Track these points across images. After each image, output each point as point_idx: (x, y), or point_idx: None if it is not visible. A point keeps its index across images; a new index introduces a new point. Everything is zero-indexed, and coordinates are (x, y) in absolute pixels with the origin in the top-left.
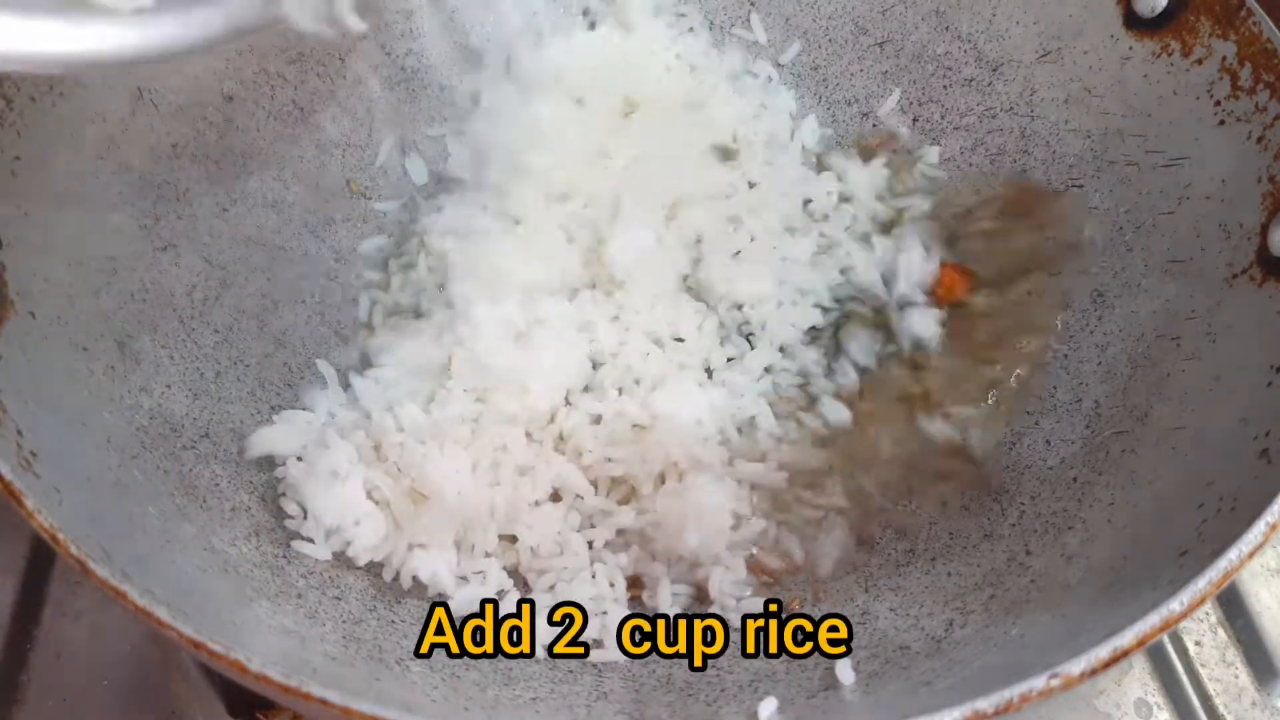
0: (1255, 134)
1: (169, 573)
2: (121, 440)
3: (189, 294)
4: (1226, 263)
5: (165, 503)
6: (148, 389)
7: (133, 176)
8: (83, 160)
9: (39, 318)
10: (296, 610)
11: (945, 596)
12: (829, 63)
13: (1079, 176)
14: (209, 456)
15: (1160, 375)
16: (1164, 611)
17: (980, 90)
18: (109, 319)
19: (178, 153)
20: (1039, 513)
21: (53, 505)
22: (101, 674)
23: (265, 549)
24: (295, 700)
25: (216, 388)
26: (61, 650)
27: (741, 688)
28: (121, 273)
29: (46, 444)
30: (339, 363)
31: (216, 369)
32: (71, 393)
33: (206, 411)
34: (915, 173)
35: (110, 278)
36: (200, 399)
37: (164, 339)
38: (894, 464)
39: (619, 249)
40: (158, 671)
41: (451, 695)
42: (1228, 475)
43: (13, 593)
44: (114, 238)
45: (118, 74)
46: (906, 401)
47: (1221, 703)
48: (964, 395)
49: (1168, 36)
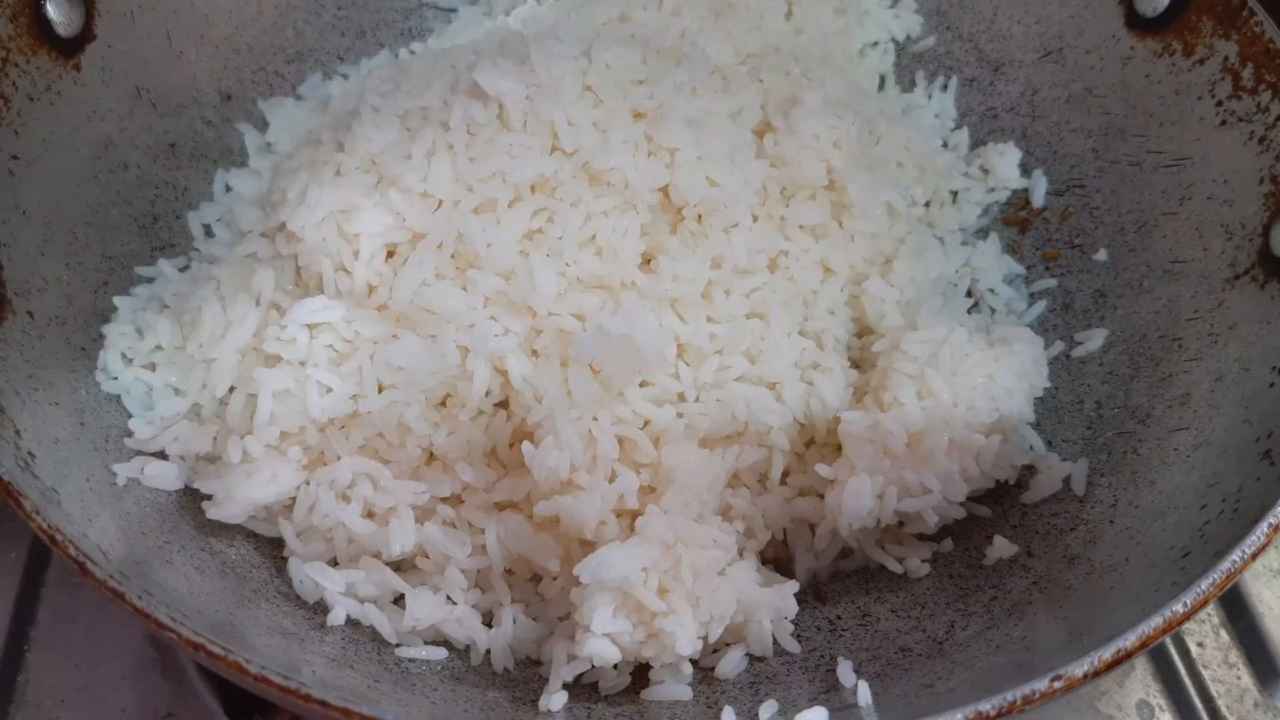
0: (1257, 134)
1: (167, 574)
2: (120, 440)
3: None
4: (1228, 263)
5: (164, 503)
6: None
7: (131, 176)
8: (81, 160)
9: (38, 318)
10: (295, 611)
11: (947, 598)
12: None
13: (1080, 176)
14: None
15: (1162, 376)
16: (1167, 613)
17: (981, 90)
18: (108, 319)
19: (176, 152)
20: (1040, 514)
21: (51, 506)
22: (99, 675)
23: (265, 549)
24: (294, 702)
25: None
26: (59, 652)
27: (742, 689)
28: (121, 272)
29: (45, 444)
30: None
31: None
32: (71, 393)
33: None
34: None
35: (110, 277)
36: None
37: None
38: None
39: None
40: (156, 673)
41: (450, 697)
42: (1230, 477)
43: (11, 594)
44: (113, 237)
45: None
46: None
47: (1224, 704)
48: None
49: (1169, 36)
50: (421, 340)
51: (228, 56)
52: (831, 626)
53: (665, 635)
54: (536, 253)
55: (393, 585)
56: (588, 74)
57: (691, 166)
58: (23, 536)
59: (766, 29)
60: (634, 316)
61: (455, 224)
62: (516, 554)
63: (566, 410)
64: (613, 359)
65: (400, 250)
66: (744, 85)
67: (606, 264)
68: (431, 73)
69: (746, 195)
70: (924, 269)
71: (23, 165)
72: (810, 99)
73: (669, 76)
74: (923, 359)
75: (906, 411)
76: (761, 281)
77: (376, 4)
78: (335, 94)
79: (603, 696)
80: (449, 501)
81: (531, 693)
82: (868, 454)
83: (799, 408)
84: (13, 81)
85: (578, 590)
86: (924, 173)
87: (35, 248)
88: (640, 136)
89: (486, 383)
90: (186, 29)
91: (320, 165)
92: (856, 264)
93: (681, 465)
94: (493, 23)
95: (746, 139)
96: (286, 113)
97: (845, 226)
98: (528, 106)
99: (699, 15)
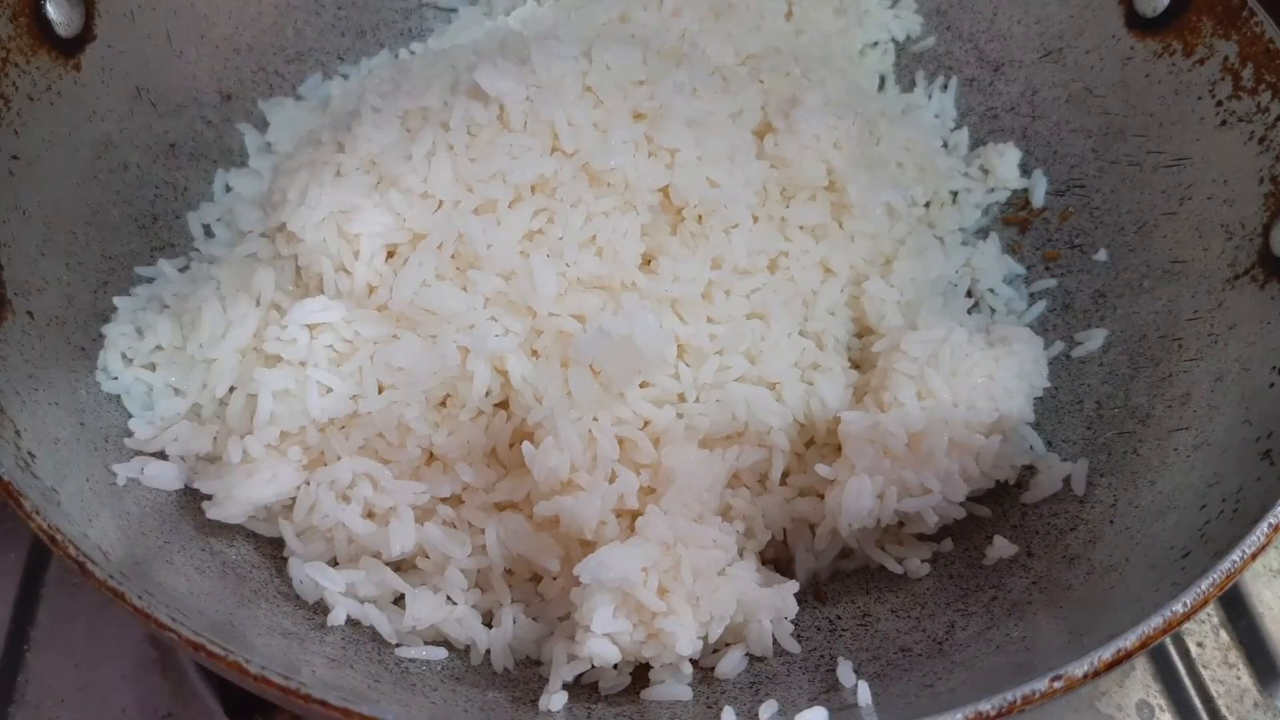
0: (1257, 134)
1: (167, 574)
2: (120, 440)
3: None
4: (1228, 263)
5: (164, 503)
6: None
7: (131, 176)
8: (81, 160)
9: (38, 318)
10: (295, 611)
11: (947, 598)
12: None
13: (1080, 176)
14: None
15: (1162, 376)
16: (1166, 613)
17: (981, 90)
18: (108, 319)
19: (176, 152)
20: (1040, 514)
21: (51, 506)
22: (99, 675)
23: (265, 549)
24: (294, 702)
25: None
26: (59, 652)
27: (742, 689)
28: (121, 272)
29: (45, 444)
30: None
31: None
32: (71, 393)
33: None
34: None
35: (110, 277)
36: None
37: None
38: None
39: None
40: (156, 673)
41: (450, 697)
42: (1230, 477)
43: (11, 594)
44: (113, 237)
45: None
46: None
47: (1224, 704)
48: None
49: (1170, 36)
50: (421, 340)
51: (228, 56)
52: (831, 626)
53: (665, 635)
54: (537, 253)
55: (393, 585)
56: (588, 74)
57: (692, 167)
58: (23, 536)
59: (767, 29)
60: (634, 317)
61: (455, 224)
62: (516, 554)
63: (566, 411)
64: (613, 359)
65: (400, 251)
66: (744, 86)
67: (607, 264)
68: (432, 73)
69: (747, 196)
70: (924, 269)
71: (23, 165)
72: (810, 99)
73: (669, 77)
74: (923, 359)
75: (906, 411)
76: (762, 282)
77: (376, 4)
78: (335, 94)
79: (603, 696)
80: (449, 502)
81: (531, 693)
82: (868, 454)
83: (799, 408)
84: (13, 81)
85: (578, 590)
86: (924, 173)
87: (35, 248)
88: (640, 137)
89: (486, 383)
90: (186, 29)
91: (320, 165)
92: (857, 264)
93: (681, 465)
94: (493, 23)
95: (747, 139)
96: (286, 113)
97: (845, 227)
98: (528, 107)
99: (699, 16)
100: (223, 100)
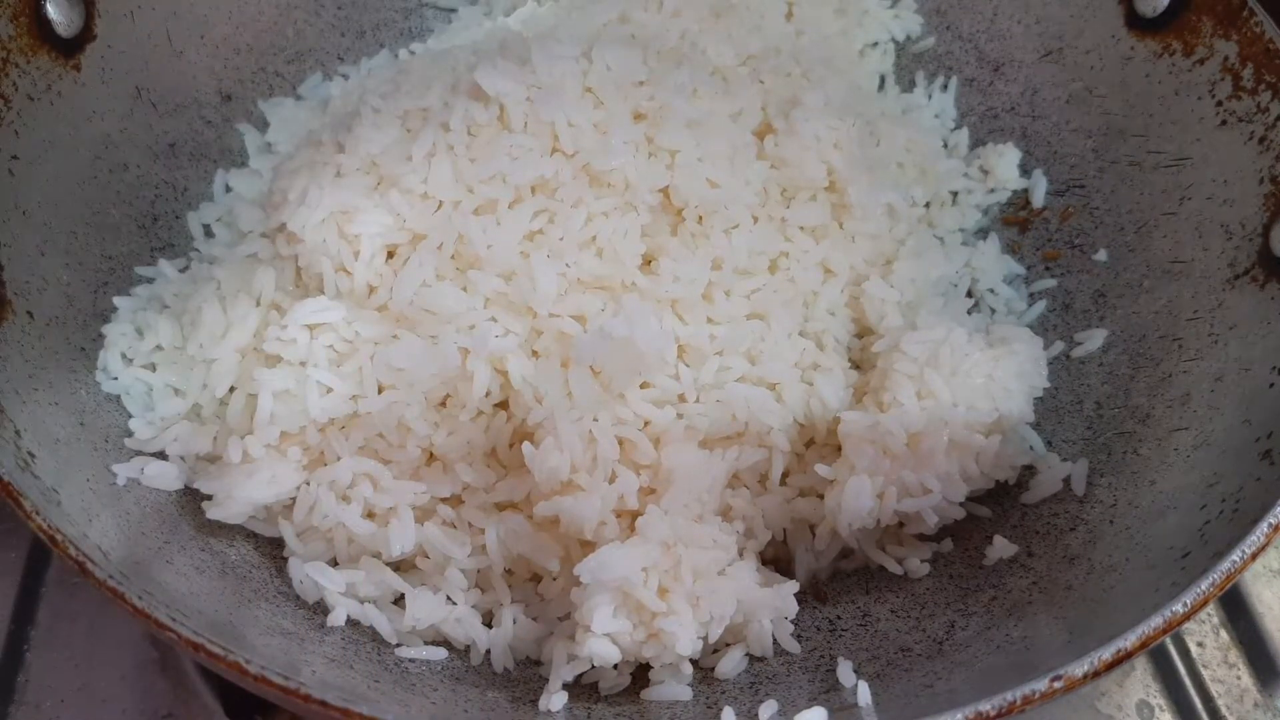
0: (1257, 134)
1: (167, 574)
2: (120, 440)
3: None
4: (1228, 263)
5: (164, 503)
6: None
7: (131, 176)
8: (81, 160)
9: (38, 318)
10: (295, 611)
11: (947, 598)
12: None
13: (1080, 176)
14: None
15: (1162, 376)
16: (1167, 613)
17: (981, 90)
18: (108, 319)
19: (176, 152)
20: (1040, 514)
21: (51, 506)
22: (99, 675)
23: (265, 549)
24: (294, 702)
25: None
26: (59, 652)
27: (742, 689)
28: (121, 272)
29: (45, 444)
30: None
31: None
32: (71, 393)
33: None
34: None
35: (110, 277)
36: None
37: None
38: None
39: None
40: (156, 673)
41: (450, 697)
42: (1230, 477)
43: (11, 594)
44: (113, 237)
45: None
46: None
47: (1224, 704)
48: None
49: (1170, 36)
50: (422, 341)
51: (228, 56)
52: (831, 626)
53: (665, 635)
54: (537, 254)
55: (393, 585)
56: (588, 75)
57: (692, 168)
58: (23, 536)
59: (767, 30)
60: (634, 318)
61: (455, 225)
62: (516, 554)
63: (567, 411)
64: (613, 360)
65: (400, 251)
66: (744, 86)
67: (607, 265)
68: (432, 73)
69: (747, 196)
70: (924, 270)
71: (23, 165)
72: (811, 100)
73: (669, 78)
74: (923, 359)
75: (906, 412)
76: (762, 282)
77: (376, 4)
78: (335, 94)
79: (603, 696)
80: (449, 502)
81: (531, 693)
82: (867, 454)
83: (799, 408)
84: (13, 81)
85: (578, 590)
86: (924, 173)
87: (35, 248)
88: (641, 138)
89: (487, 383)
90: (186, 29)
91: (320, 166)
92: (857, 265)
93: (681, 466)
94: (493, 23)
95: (747, 140)
96: (286, 113)
97: (846, 227)
98: (528, 108)
99: (699, 16)
100: (223, 100)
